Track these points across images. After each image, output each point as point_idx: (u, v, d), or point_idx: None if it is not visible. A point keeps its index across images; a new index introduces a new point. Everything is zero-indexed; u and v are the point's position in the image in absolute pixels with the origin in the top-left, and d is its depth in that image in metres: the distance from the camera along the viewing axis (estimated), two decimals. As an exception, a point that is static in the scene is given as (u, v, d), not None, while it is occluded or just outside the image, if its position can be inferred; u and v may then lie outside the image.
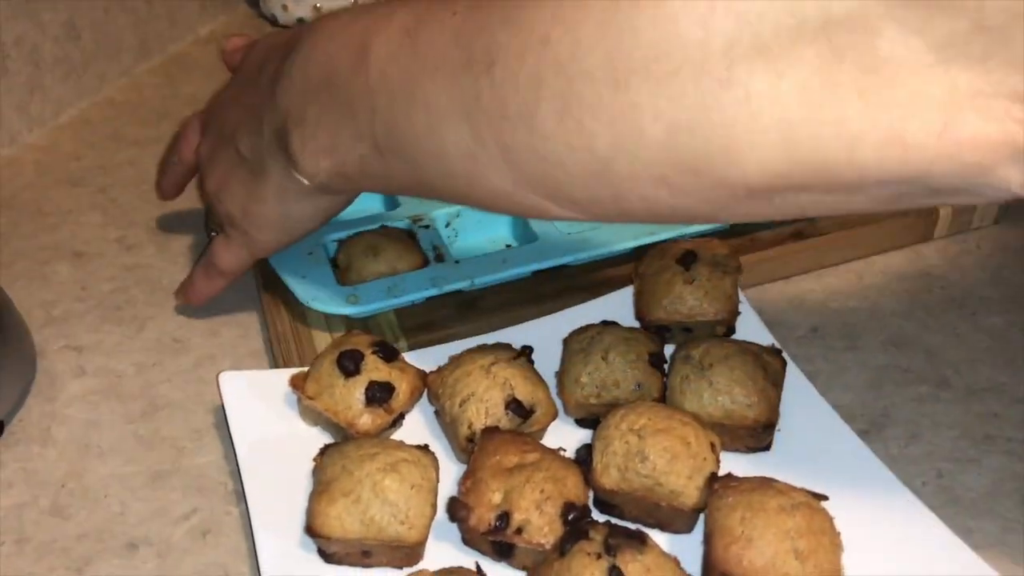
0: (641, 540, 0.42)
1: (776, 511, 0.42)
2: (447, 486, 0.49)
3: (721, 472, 0.47)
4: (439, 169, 0.43)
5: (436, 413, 0.53)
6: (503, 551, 0.45)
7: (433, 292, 0.58)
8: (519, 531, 0.44)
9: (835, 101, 0.31)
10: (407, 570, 0.45)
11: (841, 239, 0.66)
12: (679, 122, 0.34)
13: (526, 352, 0.53)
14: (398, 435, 0.53)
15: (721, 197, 0.36)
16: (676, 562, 0.43)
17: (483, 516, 0.45)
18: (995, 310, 0.62)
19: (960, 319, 0.62)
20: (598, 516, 0.47)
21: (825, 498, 0.45)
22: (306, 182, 0.50)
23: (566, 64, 0.36)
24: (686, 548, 0.45)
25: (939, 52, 0.30)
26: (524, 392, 0.51)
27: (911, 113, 0.31)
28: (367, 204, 0.69)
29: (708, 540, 0.44)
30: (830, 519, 0.43)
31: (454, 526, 0.47)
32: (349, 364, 0.50)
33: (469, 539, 0.46)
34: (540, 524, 0.44)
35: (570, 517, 0.44)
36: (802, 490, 0.44)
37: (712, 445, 0.47)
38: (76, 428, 0.57)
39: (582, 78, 0.36)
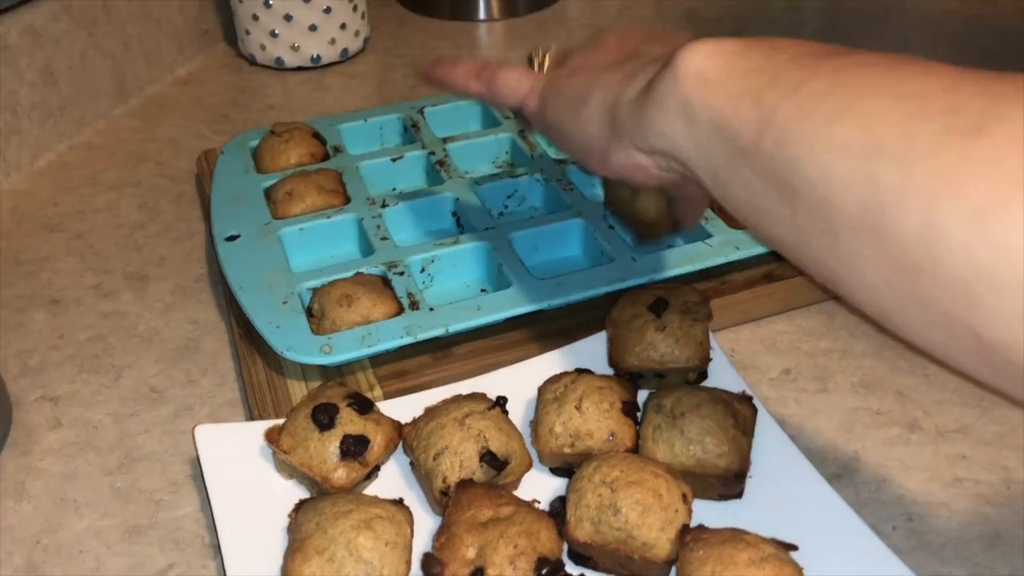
0: (614, 594, 0.42)
1: (746, 564, 0.43)
2: (422, 538, 0.49)
3: (693, 522, 0.47)
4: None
5: (411, 464, 0.54)
6: (477, 606, 0.45)
7: (407, 341, 0.58)
8: (493, 587, 0.44)
9: None
10: (382, 626, 0.46)
11: (810, 280, 0.67)
12: None
13: (500, 403, 0.53)
14: (374, 486, 0.53)
15: None
16: (649, 615, 0.43)
17: (457, 572, 0.45)
18: (963, 350, 0.63)
19: (929, 360, 0.63)
20: (572, 568, 0.48)
21: (795, 548, 0.45)
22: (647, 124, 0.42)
23: None
24: (659, 599, 0.46)
25: None
26: (498, 444, 0.51)
27: None
28: (341, 250, 0.69)
29: (680, 592, 0.44)
30: (799, 571, 0.44)
31: (430, 581, 0.47)
32: (323, 418, 0.50)
33: None
34: (514, 579, 0.44)
35: (543, 572, 0.44)
36: (772, 541, 0.45)
37: (684, 496, 0.48)
38: (52, 482, 0.57)
39: None
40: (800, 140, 0.36)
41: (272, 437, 0.51)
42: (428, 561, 0.46)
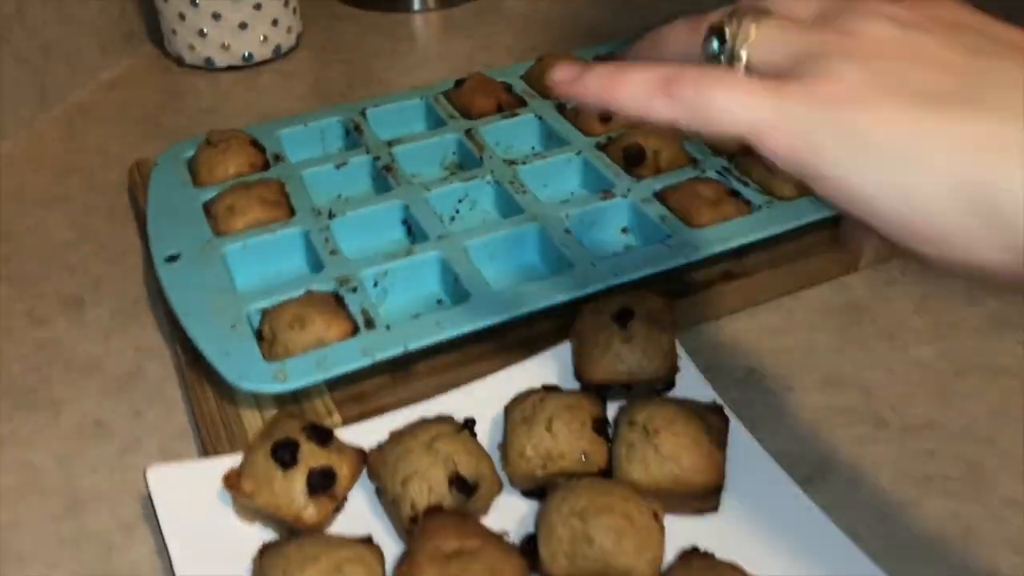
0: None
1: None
2: (389, 570, 0.48)
3: (669, 539, 0.46)
4: None
5: (377, 491, 0.52)
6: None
7: (365, 363, 0.56)
8: (459, 625, 0.43)
9: None
10: (357, 674, 0.44)
11: (770, 276, 0.66)
12: None
13: (469, 425, 0.52)
14: (340, 518, 0.51)
15: None
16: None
17: (421, 607, 0.43)
18: (924, 340, 0.63)
19: (891, 352, 0.62)
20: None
21: None
22: None
23: None
24: (642, 624, 0.45)
25: None
26: (468, 468, 0.49)
27: None
28: (288, 265, 0.67)
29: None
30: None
31: (404, 621, 0.45)
32: (285, 455, 0.48)
33: None
34: (480, 618, 0.43)
35: (510, 611, 0.43)
36: None
37: (655, 514, 0.47)
38: (-7, 531, 0.54)
39: None
40: None
41: (231, 482, 0.48)
42: (389, 593, 0.44)
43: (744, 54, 0.34)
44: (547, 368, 0.58)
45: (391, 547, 0.49)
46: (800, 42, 0.33)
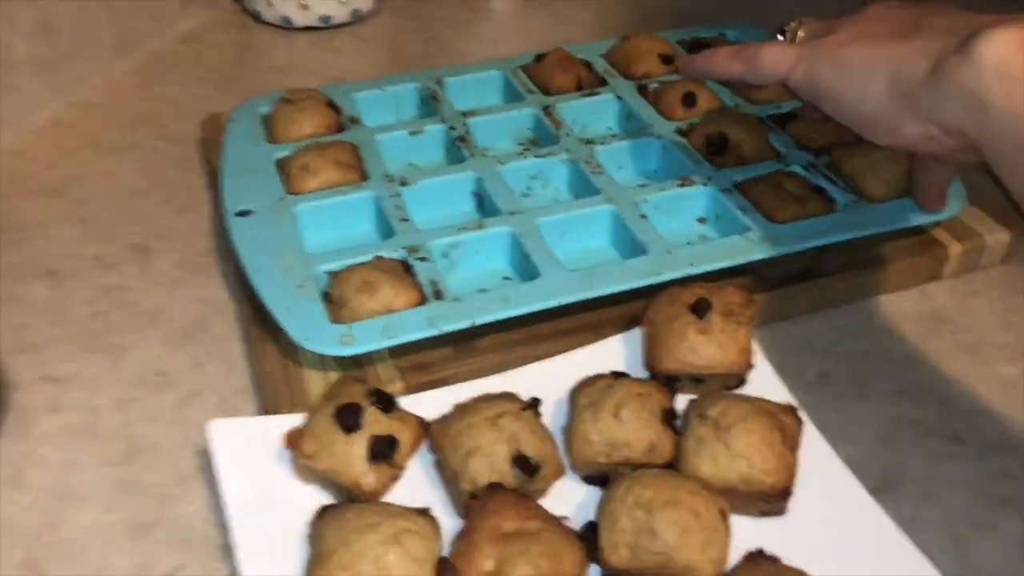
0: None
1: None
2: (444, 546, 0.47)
3: (732, 540, 0.45)
4: None
5: (436, 463, 0.51)
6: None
7: (431, 333, 0.55)
8: (510, 608, 0.42)
9: None
10: (408, 646, 0.43)
11: (849, 278, 0.64)
12: None
13: (534, 404, 0.51)
14: (396, 487, 0.50)
15: None
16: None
17: (470, 583, 0.42)
18: (1006, 358, 0.61)
19: (972, 367, 0.60)
20: (609, 589, 0.45)
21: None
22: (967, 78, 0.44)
23: None
24: (700, 623, 0.43)
25: None
26: (531, 448, 0.48)
27: None
28: (357, 229, 0.66)
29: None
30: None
31: (458, 597, 0.44)
32: (349, 419, 0.47)
33: None
34: (531, 604, 0.42)
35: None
36: None
37: (722, 512, 0.45)
38: (51, 471, 0.54)
39: None
40: None
41: (293, 441, 0.48)
42: (443, 566, 0.43)
43: (796, 37, 0.58)
44: (615, 354, 0.56)
45: (446, 522, 0.48)
46: (825, 28, 0.55)
